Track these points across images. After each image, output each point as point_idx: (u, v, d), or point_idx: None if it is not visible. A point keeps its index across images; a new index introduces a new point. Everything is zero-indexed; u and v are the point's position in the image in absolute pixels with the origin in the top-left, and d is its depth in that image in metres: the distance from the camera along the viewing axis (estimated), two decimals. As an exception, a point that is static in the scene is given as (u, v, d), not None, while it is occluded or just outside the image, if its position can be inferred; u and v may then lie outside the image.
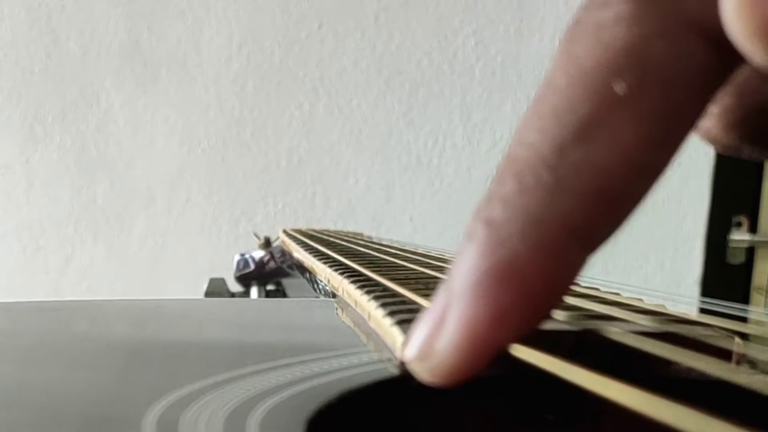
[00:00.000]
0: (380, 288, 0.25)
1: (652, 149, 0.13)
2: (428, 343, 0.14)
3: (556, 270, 0.14)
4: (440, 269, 0.28)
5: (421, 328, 0.15)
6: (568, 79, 0.13)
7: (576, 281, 0.14)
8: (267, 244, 0.97)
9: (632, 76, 0.13)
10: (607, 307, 0.19)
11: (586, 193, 0.13)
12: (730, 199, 1.46)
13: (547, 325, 0.17)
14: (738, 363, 0.18)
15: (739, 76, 0.14)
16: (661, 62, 0.13)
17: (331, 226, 0.93)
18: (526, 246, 0.13)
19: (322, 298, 0.36)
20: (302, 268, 0.49)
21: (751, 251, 1.48)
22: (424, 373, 0.14)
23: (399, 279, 0.26)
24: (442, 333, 0.14)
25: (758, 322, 0.22)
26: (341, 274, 0.30)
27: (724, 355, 0.17)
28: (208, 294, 0.93)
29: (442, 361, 0.14)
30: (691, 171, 1.43)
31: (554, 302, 0.14)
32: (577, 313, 0.19)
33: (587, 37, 0.13)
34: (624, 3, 0.13)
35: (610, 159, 0.13)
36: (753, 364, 0.18)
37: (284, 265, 0.89)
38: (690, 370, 0.17)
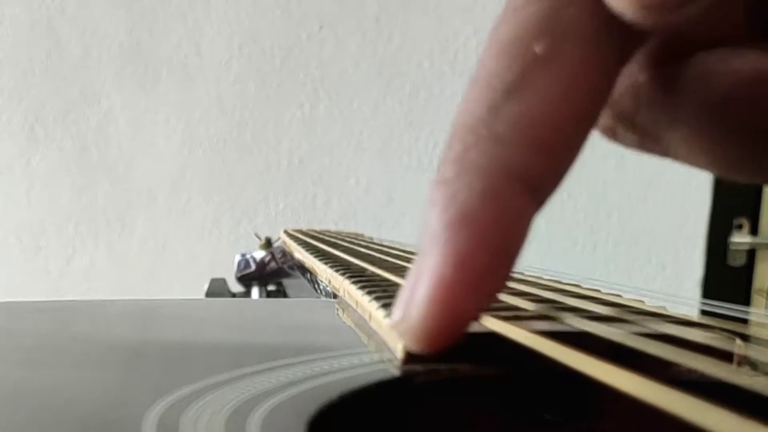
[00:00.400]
0: (381, 288, 0.25)
1: (574, 99, 0.15)
2: (407, 303, 0.15)
3: (505, 212, 0.15)
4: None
5: (401, 294, 0.16)
6: (495, 56, 0.15)
7: (528, 229, 0.15)
8: (268, 244, 0.97)
9: (548, 38, 0.15)
10: (608, 308, 0.19)
11: (520, 141, 0.15)
12: (731, 201, 1.46)
13: (547, 327, 0.17)
14: (739, 365, 0.18)
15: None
16: (571, 24, 0.15)
17: (332, 227, 0.93)
18: (475, 194, 0.15)
19: (323, 298, 0.36)
20: (303, 269, 0.49)
21: (752, 253, 1.48)
22: (408, 336, 0.15)
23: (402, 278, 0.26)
24: (417, 290, 0.15)
25: (759, 324, 0.22)
26: (342, 274, 0.30)
27: (725, 357, 0.17)
28: (209, 294, 0.93)
29: (418, 319, 0.15)
30: (693, 173, 1.42)
31: (511, 248, 0.15)
32: (578, 314, 0.19)
33: (506, 20, 0.15)
34: None
35: (538, 110, 0.15)
36: (754, 366, 0.18)
37: (285, 266, 0.89)
38: (690, 371, 0.17)
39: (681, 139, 0.17)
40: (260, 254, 0.93)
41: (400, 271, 0.29)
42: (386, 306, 0.21)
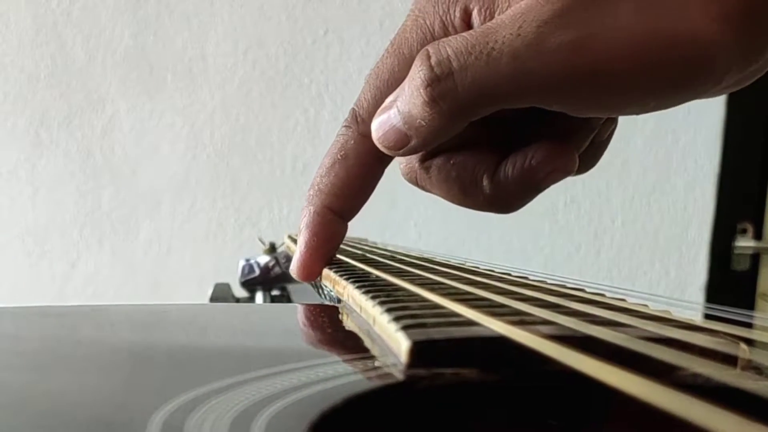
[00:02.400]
0: (385, 293, 0.25)
1: (352, 178, 0.33)
2: (293, 261, 0.34)
3: (324, 222, 0.33)
4: (446, 275, 0.29)
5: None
6: (327, 154, 0.34)
7: (340, 231, 0.34)
8: (272, 249, 0.97)
9: (343, 151, 0.33)
10: (613, 312, 0.19)
11: (328, 192, 0.33)
12: (735, 205, 1.46)
13: (552, 331, 0.17)
14: (743, 369, 0.18)
15: None
16: (354, 147, 0.33)
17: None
18: (311, 214, 0.33)
19: (327, 303, 0.36)
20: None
21: (756, 258, 1.47)
22: (294, 276, 0.35)
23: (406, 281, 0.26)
24: (294, 257, 0.34)
25: (764, 328, 0.22)
26: (346, 279, 0.30)
27: (730, 361, 0.17)
28: (213, 299, 0.93)
29: (295, 268, 0.34)
30: (696, 178, 1.42)
31: (330, 238, 0.34)
32: (582, 318, 0.19)
33: (334, 142, 0.34)
34: (344, 128, 0.33)
35: (336, 183, 0.33)
36: (758, 370, 0.18)
37: (289, 270, 0.89)
38: (695, 375, 0.17)
39: (432, 188, 0.35)
40: (264, 259, 0.93)
41: (405, 275, 0.29)
42: (390, 311, 0.21)
